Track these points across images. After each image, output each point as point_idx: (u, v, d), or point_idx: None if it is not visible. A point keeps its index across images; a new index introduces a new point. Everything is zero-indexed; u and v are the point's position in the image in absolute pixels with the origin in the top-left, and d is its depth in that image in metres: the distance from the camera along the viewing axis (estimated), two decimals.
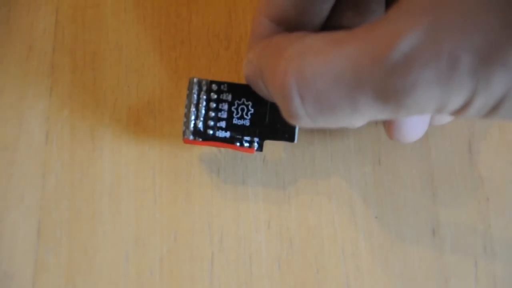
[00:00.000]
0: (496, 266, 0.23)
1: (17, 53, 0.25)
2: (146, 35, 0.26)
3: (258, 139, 0.22)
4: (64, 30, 0.26)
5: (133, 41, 0.26)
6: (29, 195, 0.24)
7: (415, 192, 0.24)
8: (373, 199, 0.24)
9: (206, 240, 0.23)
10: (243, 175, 0.24)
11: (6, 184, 0.24)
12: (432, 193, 0.24)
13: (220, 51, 0.26)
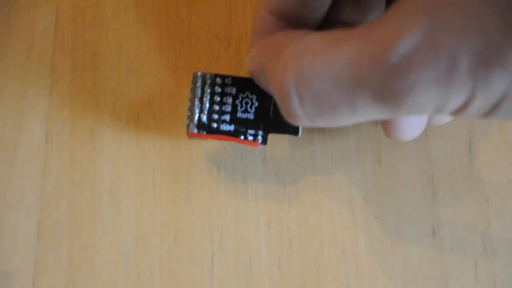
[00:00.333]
0: (496, 266, 0.23)
1: (17, 53, 0.25)
2: (146, 35, 0.26)
3: (262, 133, 0.22)
4: (64, 30, 0.26)
5: (133, 41, 0.26)
6: (29, 195, 0.24)
7: (415, 192, 0.24)
8: (373, 198, 0.24)
9: (206, 240, 0.23)
10: (243, 175, 0.24)
11: (6, 184, 0.24)
12: (432, 193, 0.24)
13: (220, 51, 0.26)
